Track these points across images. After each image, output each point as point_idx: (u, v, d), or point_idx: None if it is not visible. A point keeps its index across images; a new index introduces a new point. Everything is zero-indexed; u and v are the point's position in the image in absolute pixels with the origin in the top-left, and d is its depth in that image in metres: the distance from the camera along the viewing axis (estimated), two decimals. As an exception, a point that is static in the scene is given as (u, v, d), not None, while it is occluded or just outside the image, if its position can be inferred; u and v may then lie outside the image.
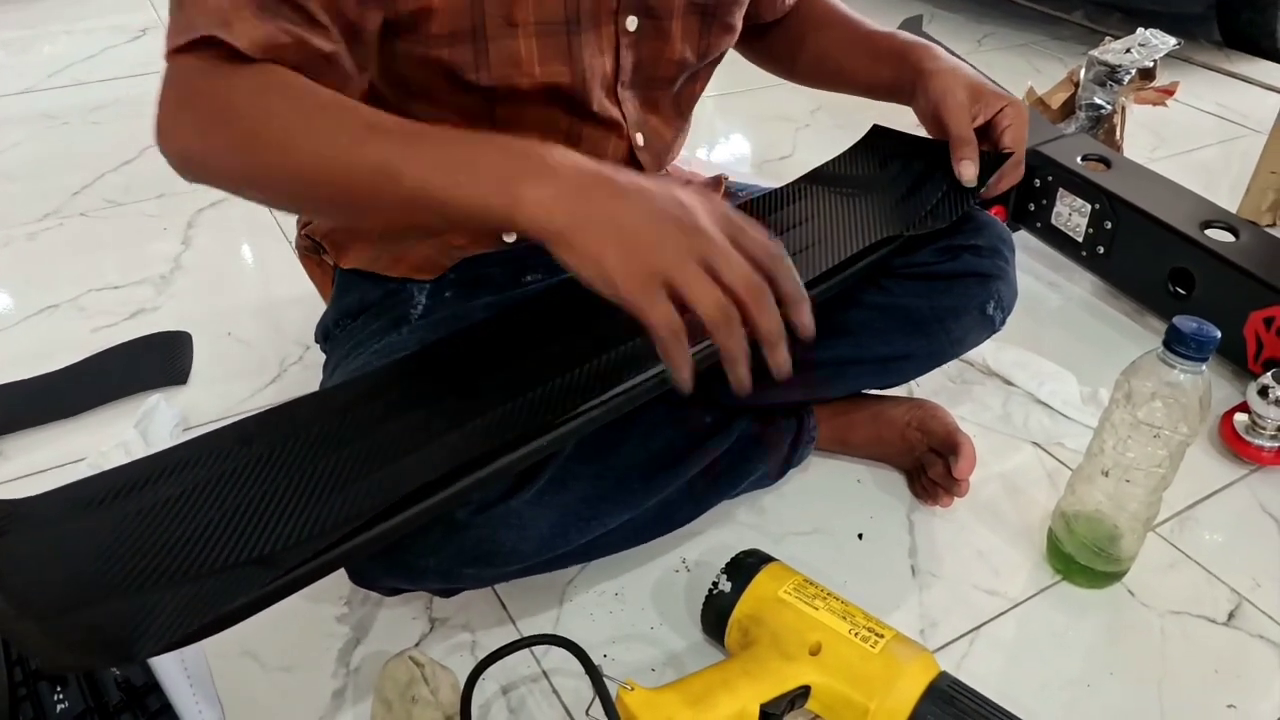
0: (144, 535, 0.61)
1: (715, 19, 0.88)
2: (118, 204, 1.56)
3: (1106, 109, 1.65)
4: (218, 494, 0.63)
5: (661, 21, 0.84)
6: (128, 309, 1.31)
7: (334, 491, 0.62)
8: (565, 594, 0.92)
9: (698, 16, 0.86)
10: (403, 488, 0.62)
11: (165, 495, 0.64)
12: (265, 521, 0.61)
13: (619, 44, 0.83)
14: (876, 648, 0.76)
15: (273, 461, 0.66)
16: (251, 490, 0.63)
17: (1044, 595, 0.96)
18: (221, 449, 0.67)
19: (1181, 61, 2.39)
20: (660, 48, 0.86)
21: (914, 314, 0.93)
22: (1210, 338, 0.81)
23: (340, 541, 0.60)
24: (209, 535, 0.60)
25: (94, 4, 2.40)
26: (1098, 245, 1.38)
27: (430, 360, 0.75)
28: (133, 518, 0.62)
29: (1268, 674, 0.90)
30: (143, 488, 0.64)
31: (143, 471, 0.66)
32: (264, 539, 0.60)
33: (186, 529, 0.61)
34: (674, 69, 0.88)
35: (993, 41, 2.54)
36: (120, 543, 0.60)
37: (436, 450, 0.65)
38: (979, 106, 0.89)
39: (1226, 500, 1.09)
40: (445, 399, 0.69)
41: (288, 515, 0.61)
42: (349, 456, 0.65)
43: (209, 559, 0.59)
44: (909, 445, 1.04)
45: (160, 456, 0.67)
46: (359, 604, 0.90)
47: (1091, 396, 1.20)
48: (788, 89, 1.15)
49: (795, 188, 0.95)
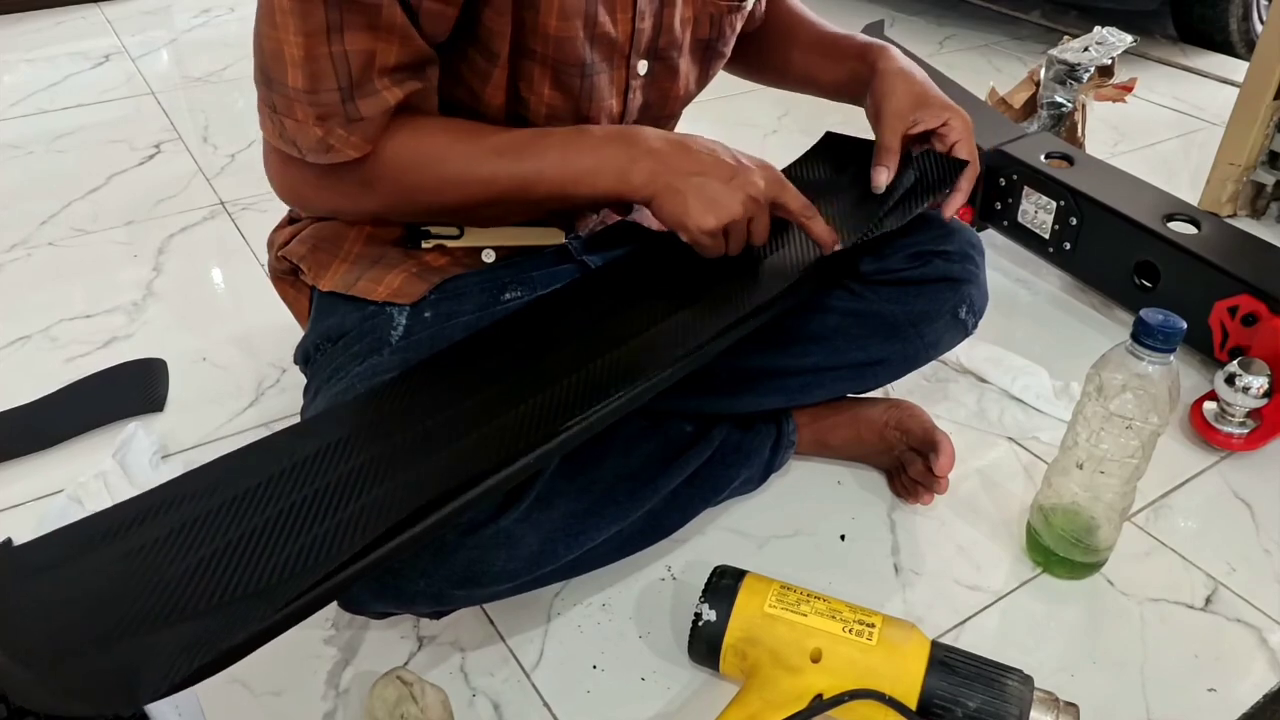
0: (139, 576, 0.60)
1: (714, 50, 0.90)
2: (86, 232, 1.54)
3: (1067, 107, 1.67)
4: (209, 530, 0.63)
5: (670, 62, 0.86)
6: (101, 338, 1.30)
7: (325, 520, 0.62)
8: (553, 608, 0.93)
9: (700, 51, 0.89)
10: (395, 513, 0.62)
11: (156, 534, 0.63)
12: (259, 555, 0.60)
13: (628, 87, 0.85)
14: (873, 639, 0.78)
15: (261, 494, 0.65)
16: (242, 524, 0.63)
17: (1025, 588, 0.97)
18: (209, 484, 0.67)
19: (1138, 58, 2.43)
20: (669, 88, 0.89)
21: (888, 320, 0.95)
22: (1176, 329, 0.83)
23: (337, 570, 0.59)
24: (204, 572, 0.60)
25: (54, 31, 2.38)
26: (1064, 241, 1.40)
27: (412, 383, 0.75)
28: (126, 559, 0.61)
29: (1246, 657, 0.92)
30: (134, 528, 0.64)
31: (133, 511, 0.65)
32: (260, 572, 0.59)
33: (180, 567, 0.60)
34: (679, 105, 0.92)
35: (954, 43, 2.57)
36: (115, 585, 0.60)
37: (426, 474, 0.65)
38: (920, 114, 0.91)
39: (1199, 487, 1.11)
40: (429, 422, 0.70)
41: (281, 547, 0.61)
42: (336, 485, 0.65)
43: (205, 596, 0.58)
44: (888, 445, 1.05)
45: (149, 495, 0.67)
46: (345, 626, 0.90)
47: (1064, 390, 1.22)
48: (754, 96, 1.17)
49: None
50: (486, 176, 0.77)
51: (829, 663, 0.77)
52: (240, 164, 1.76)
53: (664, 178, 0.76)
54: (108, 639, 0.56)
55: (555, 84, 0.80)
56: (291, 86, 0.70)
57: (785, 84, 1.09)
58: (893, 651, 0.78)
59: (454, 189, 0.78)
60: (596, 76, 0.82)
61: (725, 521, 1.03)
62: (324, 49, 0.69)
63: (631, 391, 0.71)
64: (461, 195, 0.78)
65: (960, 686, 0.76)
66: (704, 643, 0.81)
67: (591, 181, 0.77)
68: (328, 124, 0.71)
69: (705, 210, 0.76)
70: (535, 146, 0.77)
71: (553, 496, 0.77)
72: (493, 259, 0.89)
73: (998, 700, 0.75)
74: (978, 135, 1.52)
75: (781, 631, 0.79)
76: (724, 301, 0.81)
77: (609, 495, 0.82)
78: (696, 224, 0.76)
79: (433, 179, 0.77)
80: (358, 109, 0.71)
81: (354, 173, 0.76)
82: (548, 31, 0.77)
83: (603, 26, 0.79)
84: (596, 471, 0.82)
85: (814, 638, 0.78)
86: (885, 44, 0.99)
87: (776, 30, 1.05)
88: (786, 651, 0.78)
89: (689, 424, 0.93)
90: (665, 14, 0.83)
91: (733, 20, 0.90)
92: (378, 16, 0.69)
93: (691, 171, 0.76)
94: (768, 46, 1.05)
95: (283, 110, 0.72)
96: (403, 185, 0.77)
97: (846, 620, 0.79)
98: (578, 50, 0.78)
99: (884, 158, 0.90)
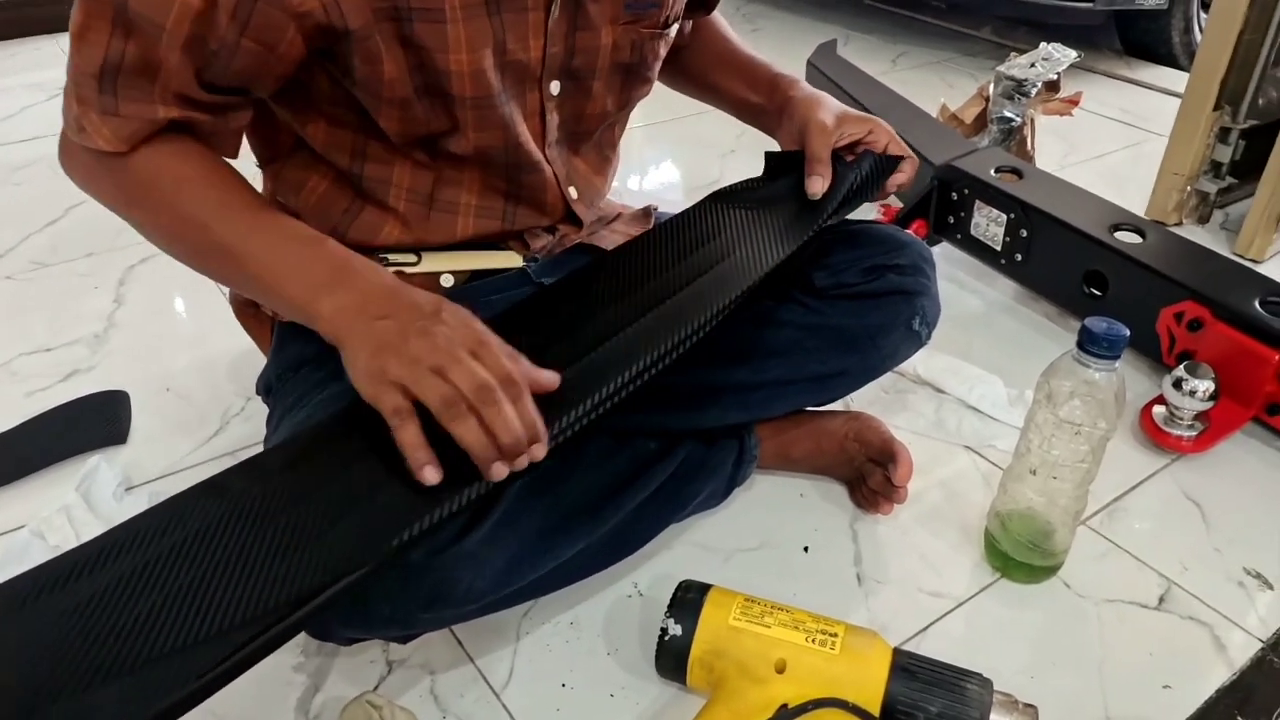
0: (85, 629, 0.59)
1: (637, 74, 0.91)
2: (45, 265, 1.53)
3: (1017, 121, 1.71)
4: (158, 577, 0.62)
5: (584, 82, 0.87)
6: (62, 370, 1.29)
7: (278, 560, 0.62)
8: (521, 627, 0.93)
9: (620, 75, 0.90)
10: (350, 554, 0.62)
11: (103, 584, 0.62)
12: (210, 600, 0.60)
13: (544, 108, 0.86)
14: (836, 648, 0.79)
15: (210, 536, 0.64)
16: (193, 569, 0.62)
17: (986, 593, 0.99)
18: (156, 527, 0.66)
19: (1086, 71, 2.49)
20: (583, 105, 0.89)
21: (845, 333, 0.97)
22: (1120, 336, 0.86)
23: (290, 612, 0.59)
24: (152, 621, 0.59)
25: (8, 63, 2.37)
26: (1015, 253, 1.43)
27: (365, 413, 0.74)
28: (71, 613, 0.60)
29: (1199, 654, 0.94)
30: (79, 578, 0.62)
31: (76, 561, 0.63)
32: (211, 618, 0.59)
33: (128, 618, 0.59)
34: (596, 122, 0.92)
35: (907, 60, 2.62)
36: (60, 641, 0.58)
37: (388, 507, 0.65)
38: (844, 129, 0.95)
39: (1151, 489, 1.14)
40: (381, 453, 0.68)
41: (233, 590, 0.60)
42: (289, 524, 0.64)
43: (155, 646, 0.57)
44: (848, 457, 1.07)
45: (93, 544, 0.65)
46: (314, 652, 0.90)
47: (1018, 398, 1.24)
48: (712, 117, 1.19)
49: (707, 206, 0.98)
50: (205, 225, 0.74)
51: (794, 673, 0.79)
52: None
53: (352, 320, 0.69)
54: (52, 698, 0.55)
55: (475, 120, 0.80)
56: (72, 57, 0.71)
57: (702, 99, 1.12)
58: (856, 659, 0.79)
59: (182, 228, 0.75)
60: (509, 104, 0.82)
61: (691, 536, 1.04)
62: (103, 36, 0.69)
63: (604, 399, 0.72)
64: (188, 240, 0.76)
65: (921, 692, 0.78)
66: (671, 657, 0.82)
67: (282, 287, 0.72)
68: (85, 105, 0.72)
69: (375, 370, 0.66)
70: (260, 224, 0.74)
71: (519, 515, 0.78)
72: (451, 283, 0.90)
73: (958, 704, 0.77)
74: (931, 152, 1.56)
75: (746, 643, 0.80)
76: (674, 314, 0.81)
77: (575, 512, 0.83)
78: (362, 377, 0.67)
79: (167, 209, 0.75)
80: (115, 105, 0.71)
81: (113, 171, 0.75)
82: (461, 69, 0.76)
83: (513, 54, 0.79)
84: (562, 488, 0.83)
85: (778, 649, 0.80)
86: (796, 77, 1.03)
87: (699, 48, 1.09)
88: (752, 663, 0.80)
89: (653, 440, 0.94)
90: (578, 38, 0.83)
91: (655, 46, 0.91)
92: (153, 49, 0.69)
93: (380, 317, 0.68)
94: (689, 62, 1.09)
95: (68, 76, 0.73)
96: (145, 203, 0.76)
97: (810, 630, 0.81)
98: (488, 80, 0.79)
99: (815, 167, 0.93)
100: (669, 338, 0.78)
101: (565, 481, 0.83)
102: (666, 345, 0.77)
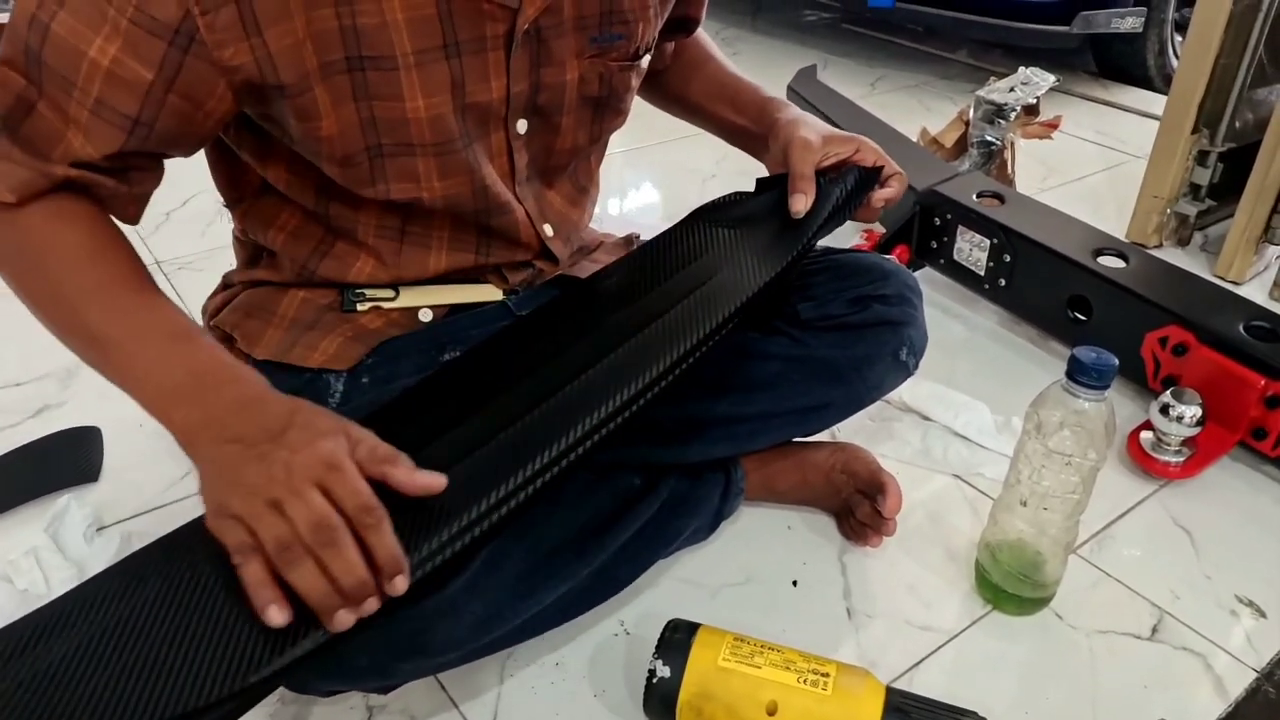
0: (32, 708, 0.56)
1: (607, 107, 0.89)
2: (13, 297, 1.50)
3: (997, 145, 1.72)
4: (115, 646, 0.59)
5: (552, 118, 0.86)
6: (31, 406, 1.26)
7: (243, 623, 0.60)
8: (506, 669, 0.91)
9: (590, 108, 0.88)
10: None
11: (60, 654, 0.59)
12: (171, 673, 0.58)
13: (510, 147, 0.84)
14: (828, 689, 0.78)
15: (172, 598, 0.62)
16: (153, 635, 0.60)
17: (977, 626, 0.98)
18: (111, 592, 0.63)
19: (1063, 94, 2.51)
20: (552, 141, 0.87)
21: (830, 365, 0.96)
22: (1109, 366, 0.85)
23: (251, 687, 0.58)
24: (107, 699, 0.57)
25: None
26: (999, 278, 1.43)
27: None
28: (20, 688, 0.57)
29: (1194, 684, 0.93)
30: (34, 647, 0.60)
31: (28, 630, 0.61)
32: (172, 694, 0.57)
33: (78, 695, 0.57)
34: (567, 157, 0.90)
35: (885, 84, 2.63)
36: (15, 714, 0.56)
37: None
38: (830, 148, 0.93)
39: (1140, 516, 1.14)
40: None
41: (195, 661, 0.58)
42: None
43: None
44: (835, 488, 1.06)
45: (45, 611, 0.63)
46: (292, 700, 0.88)
47: (1005, 425, 1.23)
48: (693, 141, 1.18)
49: (687, 227, 0.96)
50: (74, 306, 0.69)
51: (785, 715, 0.77)
52: (175, 222, 1.73)
53: (198, 439, 0.64)
54: None
55: (439, 167, 0.79)
56: None
57: (688, 120, 1.11)
58: (848, 700, 0.77)
59: (51, 304, 0.70)
60: (472, 147, 0.80)
61: (677, 572, 1.02)
62: (16, 79, 0.66)
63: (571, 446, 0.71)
64: (56, 318, 0.71)
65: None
66: (659, 700, 0.80)
67: (139, 387, 0.67)
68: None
69: (216, 505, 0.62)
70: (130, 312, 0.69)
71: (500, 559, 0.76)
72: (430, 318, 0.88)
73: (953, 744, 0.76)
74: (913, 177, 1.55)
75: (736, 685, 0.78)
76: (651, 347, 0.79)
77: (558, 554, 0.81)
78: (207, 508, 0.63)
79: (40, 278, 0.70)
80: (11, 151, 0.68)
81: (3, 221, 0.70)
82: (418, 115, 0.74)
83: (473, 95, 0.77)
84: (545, 529, 0.81)
85: (769, 690, 0.78)
86: (785, 100, 1.02)
87: (682, 71, 1.07)
88: (742, 705, 0.78)
89: (637, 476, 0.92)
90: (542, 74, 0.81)
91: (626, 79, 0.89)
92: (63, 104, 0.66)
93: (227, 439, 0.63)
94: (672, 84, 1.07)
95: None
96: (19, 264, 0.71)
97: (801, 670, 0.79)
98: (449, 124, 0.77)
99: (800, 185, 0.90)
100: (618, 392, 0.74)
101: (547, 522, 0.81)
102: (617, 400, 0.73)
